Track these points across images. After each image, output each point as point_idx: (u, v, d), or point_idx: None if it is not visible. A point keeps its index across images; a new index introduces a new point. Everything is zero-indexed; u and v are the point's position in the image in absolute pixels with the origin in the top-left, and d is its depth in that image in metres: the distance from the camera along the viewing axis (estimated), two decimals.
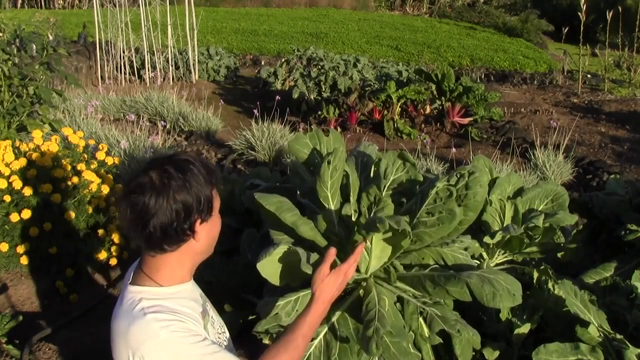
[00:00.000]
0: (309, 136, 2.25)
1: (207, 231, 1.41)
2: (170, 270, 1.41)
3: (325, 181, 1.99)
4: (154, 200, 1.30)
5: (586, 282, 2.50)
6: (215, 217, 1.43)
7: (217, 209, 1.44)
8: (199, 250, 1.43)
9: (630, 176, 4.76)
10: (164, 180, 1.32)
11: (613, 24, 8.52)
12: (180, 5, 8.30)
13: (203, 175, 1.37)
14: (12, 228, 2.85)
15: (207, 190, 1.37)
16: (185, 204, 1.33)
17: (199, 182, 1.35)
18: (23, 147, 3.14)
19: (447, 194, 1.98)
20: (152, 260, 1.41)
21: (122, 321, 1.35)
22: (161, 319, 1.30)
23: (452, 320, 1.86)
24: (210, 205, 1.39)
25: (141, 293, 1.38)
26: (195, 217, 1.36)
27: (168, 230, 1.33)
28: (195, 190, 1.34)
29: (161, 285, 1.40)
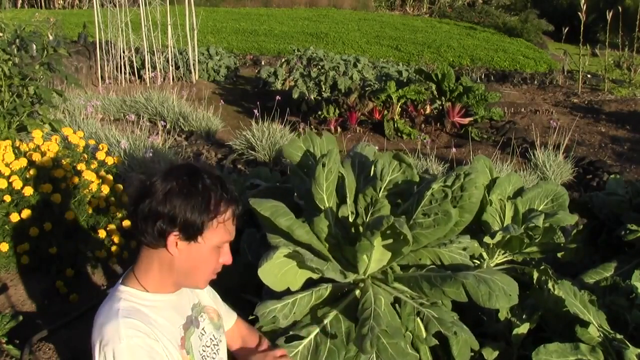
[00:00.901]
0: (302, 139, 2.25)
1: (187, 254, 1.41)
2: (154, 277, 1.44)
3: (321, 183, 1.99)
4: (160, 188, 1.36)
5: (586, 282, 2.50)
6: (203, 247, 1.41)
7: (214, 243, 1.42)
8: (177, 267, 1.43)
9: (630, 176, 4.76)
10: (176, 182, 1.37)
11: (613, 24, 8.52)
12: (180, 5, 8.30)
13: (207, 205, 1.37)
14: (12, 228, 2.85)
15: (201, 219, 1.37)
16: (174, 210, 1.35)
17: (199, 206, 1.36)
18: (23, 147, 3.14)
19: (443, 195, 1.98)
20: (140, 262, 1.46)
21: (100, 316, 1.40)
22: (129, 327, 1.33)
23: (448, 322, 1.85)
24: (195, 231, 1.38)
25: (124, 293, 1.44)
26: (171, 230, 1.37)
27: (148, 220, 1.37)
28: (188, 210, 1.35)
29: (146, 290, 1.44)
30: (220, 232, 1.42)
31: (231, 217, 1.44)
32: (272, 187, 2.49)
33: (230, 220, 1.45)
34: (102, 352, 1.31)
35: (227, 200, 1.42)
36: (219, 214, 1.40)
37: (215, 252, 1.45)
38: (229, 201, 1.43)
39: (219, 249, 1.46)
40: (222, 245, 1.46)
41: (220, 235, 1.43)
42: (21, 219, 2.83)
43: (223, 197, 1.41)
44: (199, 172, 1.41)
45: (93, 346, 1.36)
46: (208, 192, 1.38)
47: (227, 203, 1.42)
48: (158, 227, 1.37)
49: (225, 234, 1.44)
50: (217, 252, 1.45)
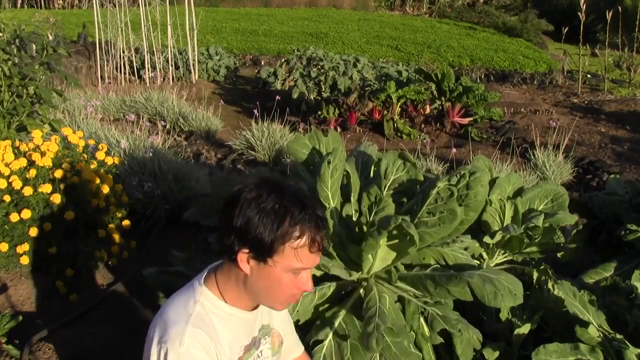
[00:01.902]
0: (308, 137, 2.26)
1: (258, 274, 1.33)
2: (232, 289, 1.39)
3: (326, 181, 1.99)
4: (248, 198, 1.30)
5: (586, 282, 2.50)
6: (275, 271, 1.32)
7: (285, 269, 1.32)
8: (250, 285, 1.36)
9: (630, 176, 4.76)
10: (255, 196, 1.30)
11: (613, 24, 8.52)
12: (180, 5, 8.30)
13: (278, 227, 1.28)
14: (12, 228, 2.85)
15: (270, 241, 1.28)
16: (248, 225, 1.29)
17: (270, 226, 1.27)
18: (23, 147, 3.13)
19: (448, 193, 1.98)
20: (222, 269, 1.41)
21: (173, 308, 1.37)
22: (194, 337, 1.30)
23: (453, 320, 1.86)
24: (265, 252, 1.30)
25: (204, 296, 1.39)
26: (241, 246, 1.31)
27: (223, 231, 1.33)
28: (259, 229, 1.27)
29: (223, 299, 1.40)
30: (291, 259, 1.30)
31: (307, 244, 1.30)
32: None
33: (306, 248, 1.30)
34: (159, 346, 1.30)
35: (304, 225, 1.29)
36: (291, 239, 1.29)
37: (291, 277, 1.34)
38: (307, 226, 1.30)
39: (296, 275, 1.34)
40: (299, 272, 1.34)
41: (292, 262, 1.31)
42: (21, 219, 2.83)
43: (300, 221, 1.29)
44: (282, 189, 1.32)
45: (152, 332, 1.35)
46: (283, 213, 1.28)
47: (304, 228, 1.29)
48: (230, 241, 1.31)
49: (297, 262, 1.31)
50: (293, 278, 1.34)
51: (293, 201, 1.30)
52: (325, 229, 1.35)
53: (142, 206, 3.59)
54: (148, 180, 3.68)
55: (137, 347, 2.55)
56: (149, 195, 3.63)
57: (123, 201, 3.37)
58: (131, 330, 2.67)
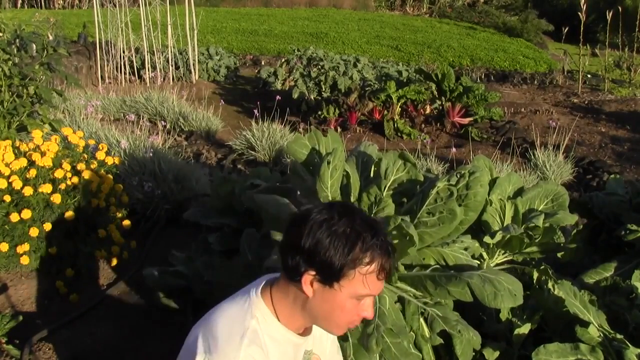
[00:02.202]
0: (308, 137, 2.26)
1: (322, 297, 1.30)
2: (286, 308, 1.37)
3: (325, 181, 2.00)
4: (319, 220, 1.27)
5: (586, 282, 2.50)
6: (339, 295, 1.29)
7: (351, 294, 1.29)
8: (309, 308, 1.34)
9: (630, 176, 4.76)
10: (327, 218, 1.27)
11: (613, 24, 8.52)
12: (180, 5, 8.30)
13: (350, 251, 1.25)
14: (12, 228, 2.85)
15: (340, 264, 1.25)
16: (317, 247, 1.26)
17: (341, 250, 1.25)
18: (23, 147, 3.14)
19: (448, 193, 1.98)
20: (279, 285, 1.38)
21: (226, 321, 1.34)
22: (249, 354, 1.27)
23: (453, 320, 1.86)
24: (333, 276, 1.27)
25: (261, 311, 1.36)
26: (307, 268, 1.28)
27: (288, 250, 1.30)
28: (329, 251, 1.25)
29: (277, 317, 1.37)
30: (359, 285, 1.28)
31: (376, 271, 1.28)
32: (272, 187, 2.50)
33: (374, 274, 1.28)
34: (205, 356, 1.27)
35: (375, 251, 1.27)
36: (362, 265, 1.26)
37: (354, 303, 1.31)
38: (377, 253, 1.27)
39: (359, 301, 1.32)
40: (363, 298, 1.32)
41: (359, 287, 1.28)
42: (21, 219, 2.83)
43: (371, 247, 1.26)
44: (353, 213, 1.30)
45: (197, 340, 1.32)
46: (355, 238, 1.25)
47: (374, 255, 1.27)
48: (295, 262, 1.28)
49: (364, 288, 1.28)
50: (356, 303, 1.32)
51: (365, 226, 1.28)
52: (394, 256, 1.32)
53: (142, 206, 3.59)
54: (148, 180, 3.68)
55: (137, 347, 2.56)
56: (149, 195, 3.63)
57: (123, 201, 3.37)
58: (131, 330, 2.67)
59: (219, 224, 3.02)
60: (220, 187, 3.04)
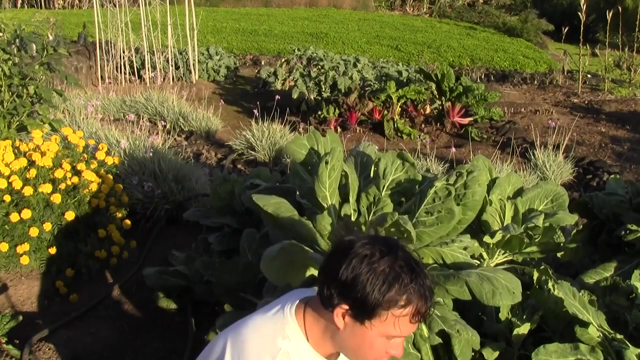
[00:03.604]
0: (307, 137, 2.26)
1: (352, 331, 1.29)
2: (317, 332, 1.35)
3: (324, 181, 2.00)
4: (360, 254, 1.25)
5: (586, 282, 2.50)
6: (369, 333, 1.27)
7: (381, 334, 1.27)
8: (339, 339, 1.33)
9: (630, 176, 4.76)
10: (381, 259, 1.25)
11: (613, 24, 8.52)
12: (180, 5, 8.30)
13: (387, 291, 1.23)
14: (12, 228, 2.85)
15: (374, 304, 1.23)
16: (354, 282, 1.24)
17: (378, 289, 1.22)
18: (23, 147, 3.14)
19: (446, 193, 1.98)
20: (314, 307, 1.37)
21: (258, 338, 1.33)
22: None
23: (451, 320, 1.86)
24: (366, 314, 1.25)
25: (293, 331, 1.34)
26: (341, 301, 1.26)
27: (327, 279, 1.29)
28: (366, 288, 1.23)
29: (307, 337, 1.35)
30: (390, 326, 1.25)
31: (410, 314, 1.25)
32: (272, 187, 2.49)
33: (408, 317, 1.25)
34: None
35: (412, 295, 1.24)
36: (396, 307, 1.24)
37: (384, 341, 1.29)
38: (414, 297, 1.24)
39: (389, 340, 1.30)
40: (393, 337, 1.29)
41: (390, 329, 1.26)
42: (21, 219, 2.83)
43: (409, 290, 1.23)
44: (396, 252, 1.27)
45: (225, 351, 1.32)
46: (393, 279, 1.23)
47: (411, 298, 1.24)
48: (330, 292, 1.27)
49: (394, 330, 1.26)
50: (385, 342, 1.29)
51: (405, 267, 1.25)
52: (432, 300, 1.29)
53: (142, 206, 3.59)
54: (148, 180, 3.68)
55: (137, 347, 2.56)
56: (149, 195, 3.63)
57: (123, 201, 3.37)
58: (131, 330, 2.67)
59: (219, 224, 3.02)
60: (220, 187, 3.04)
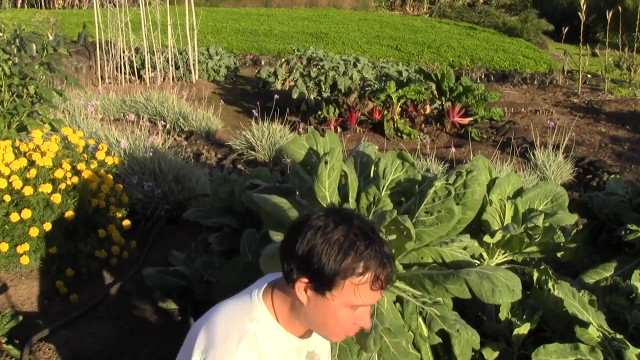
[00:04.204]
0: (306, 137, 2.26)
1: (315, 305, 1.29)
2: (285, 311, 1.35)
3: (323, 181, 2.00)
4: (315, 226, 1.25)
5: (586, 282, 2.50)
6: (332, 304, 1.26)
7: (343, 304, 1.26)
8: (305, 314, 1.32)
9: (630, 176, 4.76)
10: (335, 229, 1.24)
11: (613, 24, 8.52)
12: (180, 5, 8.30)
13: (342, 260, 1.22)
14: (12, 228, 2.85)
15: (330, 274, 1.22)
16: (310, 254, 1.24)
17: (333, 258, 1.22)
18: (23, 147, 3.14)
19: (446, 192, 1.98)
20: (280, 288, 1.37)
21: (225, 322, 1.32)
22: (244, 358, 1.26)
23: (451, 320, 1.86)
24: (325, 285, 1.25)
25: (261, 314, 1.34)
26: (300, 275, 1.27)
27: (285, 256, 1.29)
28: (322, 259, 1.22)
29: (277, 319, 1.36)
30: (350, 295, 1.24)
31: (370, 281, 1.24)
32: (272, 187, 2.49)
33: (368, 285, 1.24)
34: (202, 356, 1.27)
35: (369, 261, 1.23)
36: (353, 275, 1.23)
37: (348, 312, 1.28)
38: (371, 263, 1.23)
39: (354, 310, 1.28)
40: (357, 307, 1.28)
41: (351, 298, 1.25)
42: (21, 219, 2.83)
43: (365, 257, 1.22)
44: (351, 221, 1.26)
45: (196, 338, 1.31)
46: (349, 247, 1.22)
47: (368, 265, 1.23)
48: (289, 268, 1.27)
49: (356, 298, 1.25)
50: (350, 312, 1.28)
51: (360, 235, 1.24)
52: (391, 267, 1.27)
53: (142, 206, 3.60)
54: (148, 180, 3.68)
55: (137, 347, 2.56)
56: (149, 195, 3.63)
57: (123, 201, 3.37)
58: (131, 330, 2.67)
59: (219, 224, 3.03)
60: (220, 187, 3.04)
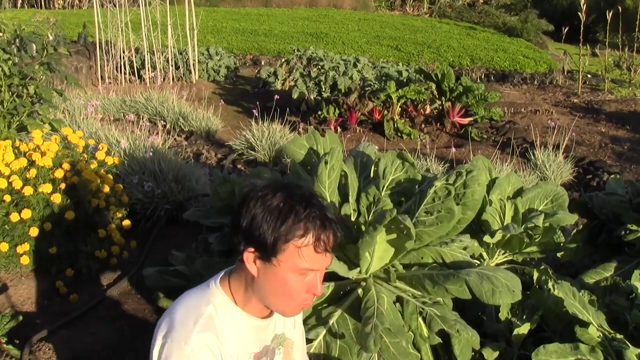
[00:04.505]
0: (306, 137, 2.26)
1: (265, 274, 1.31)
2: (241, 291, 1.37)
3: (323, 181, 2.00)
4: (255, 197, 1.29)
5: (586, 282, 2.50)
6: (280, 271, 1.28)
7: (291, 269, 1.28)
8: (258, 287, 1.34)
9: (630, 176, 4.76)
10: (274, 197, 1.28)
11: (613, 24, 8.52)
12: (180, 5, 8.30)
13: (282, 224, 1.25)
14: (12, 228, 2.85)
15: (273, 239, 1.25)
16: (252, 222, 1.27)
17: (273, 224, 1.25)
18: (23, 147, 3.14)
19: (446, 192, 1.98)
20: (236, 269, 1.40)
21: (184, 308, 1.35)
22: (201, 338, 1.27)
23: (451, 320, 1.86)
24: (269, 251, 1.27)
25: (217, 298, 1.36)
26: (247, 245, 1.30)
27: (233, 230, 1.33)
28: (263, 227, 1.25)
29: (235, 302, 1.38)
30: (295, 258, 1.26)
31: (312, 243, 1.26)
32: None
33: (311, 247, 1.26)
34: (163, 341, 1.28)
35: (309, 223, 1.25)
36: (295, 238, 1.25)
37: (297, 278, 1.29)
38: (311, 224, 1.25)
39: (303, 276, 1.30)
40: (306, 273, 1.30)
41: (297, 261, 1.26)
42: (21, 219, 2.83)
43: (304, 219, 1.25)
44: (290, 189, 1.30)
45: (159, 327, 1.33)
46: (288, 211, 1.25)
47: (308, 226, 1.25)
48: (238, 240, 1.31)
49: (302, 261, 1.26)
50: (299, 279, 1.30)
51: (299, 200, 1.27)
52: (333, 229, 1.28)
53: (142, 206, 3.59)
54: (148, 180, 3.68)
55: (137, 347, 2.56)
56: (149, 195, 3.63)
57: (123, 201, 3.37)
58: (131, 330, 2.67)
59: (219, 224, 3.02)
60: (220, 187, 3.03)
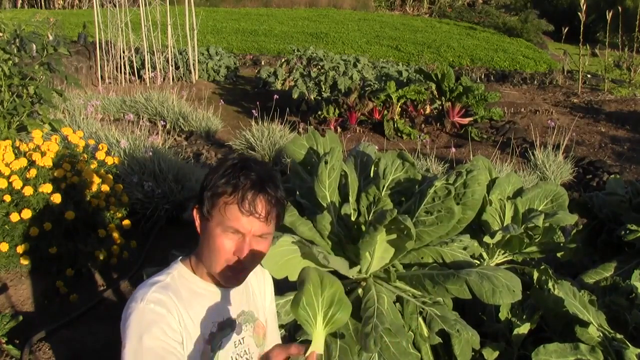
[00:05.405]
0: (306, 137, 2.26)
1: (204, 231, 1.39)
2: (195, 258, 1.45)
3: (323, 181, 1.99)
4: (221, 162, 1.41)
5: (586, 282, 2.50)
6: (210, 225, 1.36)
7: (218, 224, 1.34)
8: (200, 249, 1.41)
9: (630, 176, 4.76)
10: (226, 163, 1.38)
11: (613, 24, 8.53)
12: (180, 5, 8.31)
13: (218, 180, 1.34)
14: (12, 228, 2.85)
15: (209, 192, 1.34)
16: (202, 184, 1.38)
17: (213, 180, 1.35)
18: (23, 147, 3.14)
19: (446, 192, 1.98)
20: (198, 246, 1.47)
21: (147, 280, 1.42)
22: (156, 296, 1.33)
23: (451, 320, 1.86)
24: (203, 202, 1.35)
25: (177, 270, 1.44)
26: (195, 202, 1.41)
27: None
28: (210, 183, 1.35)
29: (193, 271, 1.45)
30: (222, 213, 1.33)
31: (238, 201, 1.32)
32: None
33: (236, 205, 1.32)
34: (126, 306, 1.34)
35: (240, 182, 1.32)
36: (225, 194, 1.33)
37: (226, 237, 1.35)
38: (242, 184, 1.32)
39: (230, 235, 1.35)
40: (234, 233, 1.35)
41: (222, 217, 1.33)
42: (21, 219, 2.83)
43: (238, 177, 1.32)
44: (246, 159, 1.40)
45: None
46: (228, 171, 1.34)
47: (238, 185, 1.32)
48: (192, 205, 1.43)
49: (226, 218, 1.33)
50: (229, 239, 1.35)
51: (243, 163, 1.37)
52: (266, 196, 1.34)
53: (142, 206, 3.59)
54: (148, 180, 3.68)
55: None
56: (149, 195, 3.63)
57: (123, 201, 3.37)
58: None
59: None
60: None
